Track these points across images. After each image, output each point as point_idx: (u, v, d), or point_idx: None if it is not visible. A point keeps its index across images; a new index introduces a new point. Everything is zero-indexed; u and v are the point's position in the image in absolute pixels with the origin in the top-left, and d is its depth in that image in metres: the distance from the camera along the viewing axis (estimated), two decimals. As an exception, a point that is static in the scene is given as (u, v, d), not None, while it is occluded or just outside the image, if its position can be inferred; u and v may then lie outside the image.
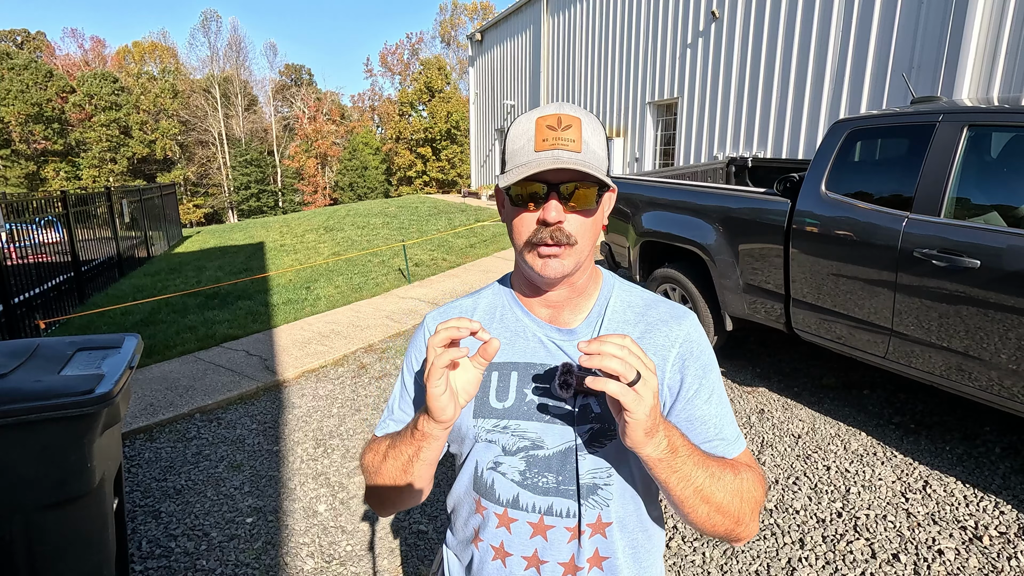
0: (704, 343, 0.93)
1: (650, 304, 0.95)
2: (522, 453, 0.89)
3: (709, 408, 0.89)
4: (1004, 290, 2.51)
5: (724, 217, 3.90)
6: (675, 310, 0.94)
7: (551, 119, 0.81)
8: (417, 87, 40.99)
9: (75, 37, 69.93)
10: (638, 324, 0.92)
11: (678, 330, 0.91)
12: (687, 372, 0.89)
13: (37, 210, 6.70)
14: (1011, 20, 6.06)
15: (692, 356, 0.90)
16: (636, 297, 0.96)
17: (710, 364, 0.91)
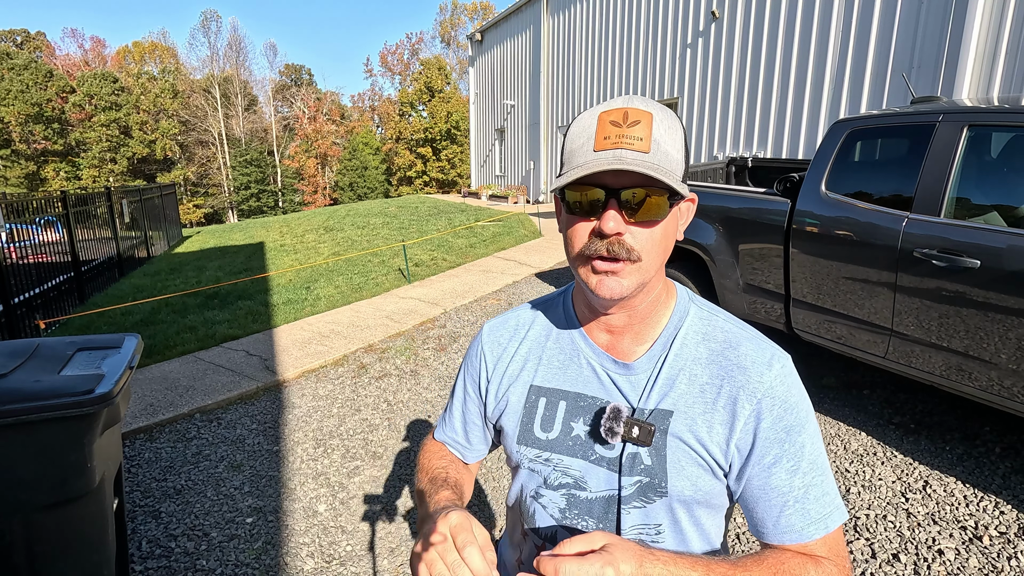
0: (793, 399, 0.75)
1: (732, 342, 0.78)
2: (564, 490, 0.82)
3: (785, 478, 0.74)
4: (1004, 290, 2.51)
5: (724, 217, 3.91)
6: (761, 353, 0.77)
7: (616, 114, 0.69)
8: (417, 87, 41.00)
9: (75, 37, 69.95)
10: (711, 365, 0.77)
11: (758, 382, 0.75)
12: (761, 433, 0.74)
13: (37, 210, 6.70)
14: (1011, 20, 6.06)
15: (772, 415, 0.74)
16: (716, 329, 0.80)
17: (797, 426, 0.74)
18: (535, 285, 6.95)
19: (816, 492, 0.74)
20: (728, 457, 0.75)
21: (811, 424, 0.76)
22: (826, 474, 0.75)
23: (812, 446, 0.75)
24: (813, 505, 0.73)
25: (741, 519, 2.69)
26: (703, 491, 0.77)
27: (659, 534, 0.79)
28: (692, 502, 0.78)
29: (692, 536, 0.80)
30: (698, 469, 0.76)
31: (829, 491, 0.74)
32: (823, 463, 0.75)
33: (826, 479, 0.74)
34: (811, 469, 0.74)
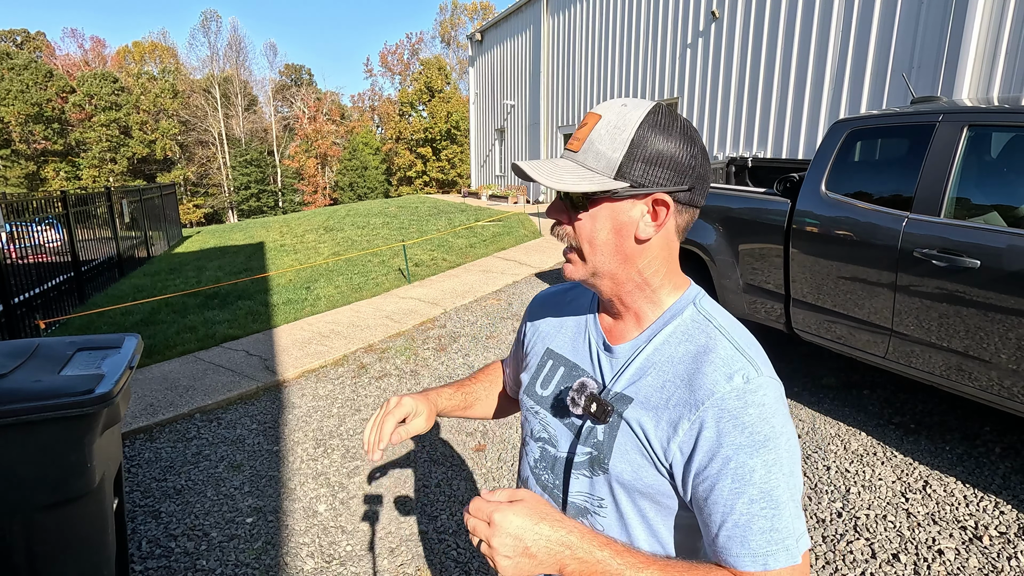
0: (749, 420, 0.71)
1: (709, 347, 0.77)
2: (540, 443, 0.92)
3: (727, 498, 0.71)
4: (1004, 290, 2.51)
5: (724, 217, 3.91)
6: (729, 364, 0.74)
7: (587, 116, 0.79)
8: (417, 87, 40.99)
9: (75, 37, 70.01)
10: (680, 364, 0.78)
11: (710, 390, 0.73)
12: (702, 443, 0.72)
13: (37, 210, 6.70)
14: (1011, 20, 6.06)
15: (718, 428, 0.72)
16: (702, 332, 0.79)
17: (748, 447, 0.70)
18: (535, 285, 6.95)
19: (761, 525, 0.70)
20: (669, 456, 0.75)
21: (771, 453, 0.71)
22: (780, 509, 0.70)
23: (767, 475, 0.70)
24: (755, 537, 0.70)
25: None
26: (644, 481, 0.78)
27: (601, 507, 0.83)
28: (633, 489, 0.80)
29: (635, 525, 0.82)
30: (641, 458, 0.78)
31: (780, 529, 0.70)
32: (779, 497, 0.70)
33: (779, 515, 0.70)
34: (760, 498, 0.70)
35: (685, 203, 0.79)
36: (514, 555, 0.68)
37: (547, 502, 0.73)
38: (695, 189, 0.78)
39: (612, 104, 0.78)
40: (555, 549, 0.68)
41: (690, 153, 0.76)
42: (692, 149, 0.77)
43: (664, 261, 0.82)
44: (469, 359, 4.81)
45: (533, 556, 0.68)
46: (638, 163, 0.75)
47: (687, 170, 0.77)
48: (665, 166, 0.76)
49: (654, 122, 0.76)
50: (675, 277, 0.84)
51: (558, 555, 0.69)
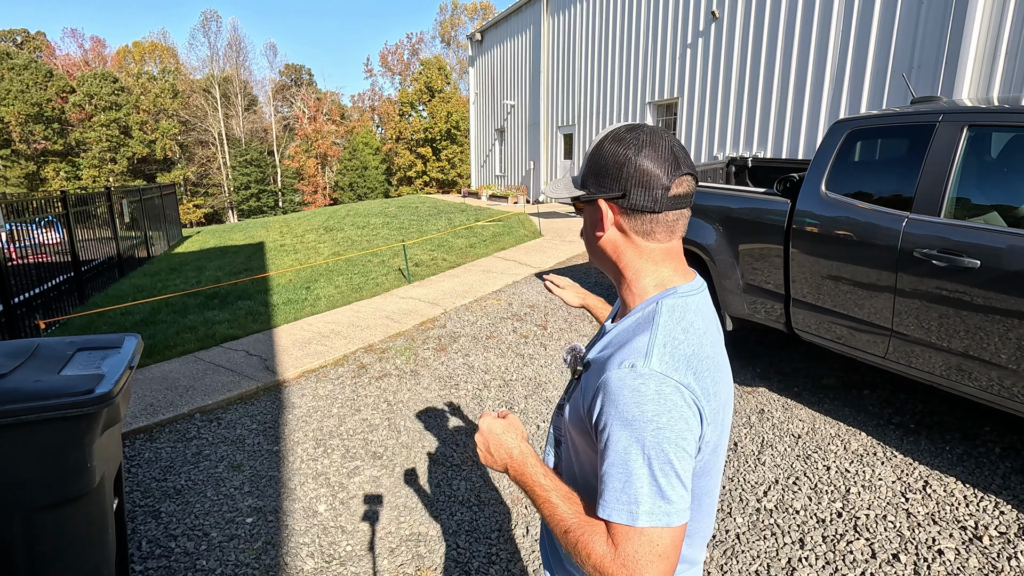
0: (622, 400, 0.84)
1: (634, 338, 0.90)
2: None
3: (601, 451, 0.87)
4: (1004, 290, 2.51)
5: (724, 217, 3.91)
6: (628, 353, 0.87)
7: None
8: (417, 87, 41.00)
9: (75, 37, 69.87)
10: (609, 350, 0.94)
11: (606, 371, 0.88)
12: (595, 408, 0.88)
13: (37, 210, 6.70)
14: (1011, 20, 6.06)
15: (600, 401, 0.87)
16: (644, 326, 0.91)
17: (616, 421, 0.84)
18: (535, 285, 6.95)
19: (614, 485, 0.83)
20: (584, 412, 0.93)
21: (635, 432, 0.82)
22: (631, 479, 0.82)
23: (627, 448, 0.82)
24: (608, 491, 0.84)
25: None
26: (580, 426, 0.96)
27: (562, 439, 1.09)
28: (578, 429, 0.98)
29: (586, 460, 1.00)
30: (578, 407, 0.97)
31: (628, 493, 0.82)
32: (634, 468, 0.82)
33: (629, 482, 0.82)
34: (618, 463, 0.83)
35: (629, 208, 0.92)
36: (482, 450, 1.02)
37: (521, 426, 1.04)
38: (630, 195, 0.91)
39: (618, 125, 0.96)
40: (503, 453, 0.99)
41: (625, 164, 0.91)
42: (630, 160, 0.90)
43: (636, 257, 0.96)
44: (469, 359, 4.81)
45: (490, 454, 1.01)
46: (589, 175, 0.95)
47: (621, 179, 0.91)
48: (603, 176, 0.93)
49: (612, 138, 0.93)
50: (660, 275, 0.96)
51: (503, 458, 0.99)
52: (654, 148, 0.90)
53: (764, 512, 2.72)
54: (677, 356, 0.86)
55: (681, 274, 0.97)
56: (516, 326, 5.57)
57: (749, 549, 2.50)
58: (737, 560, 2.44)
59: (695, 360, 0.87)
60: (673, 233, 0.95)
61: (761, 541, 2.54)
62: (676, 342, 0.87)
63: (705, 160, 10.23)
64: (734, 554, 2.47)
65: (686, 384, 0.84)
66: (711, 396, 0.89)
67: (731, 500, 2.82)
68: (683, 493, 0.83)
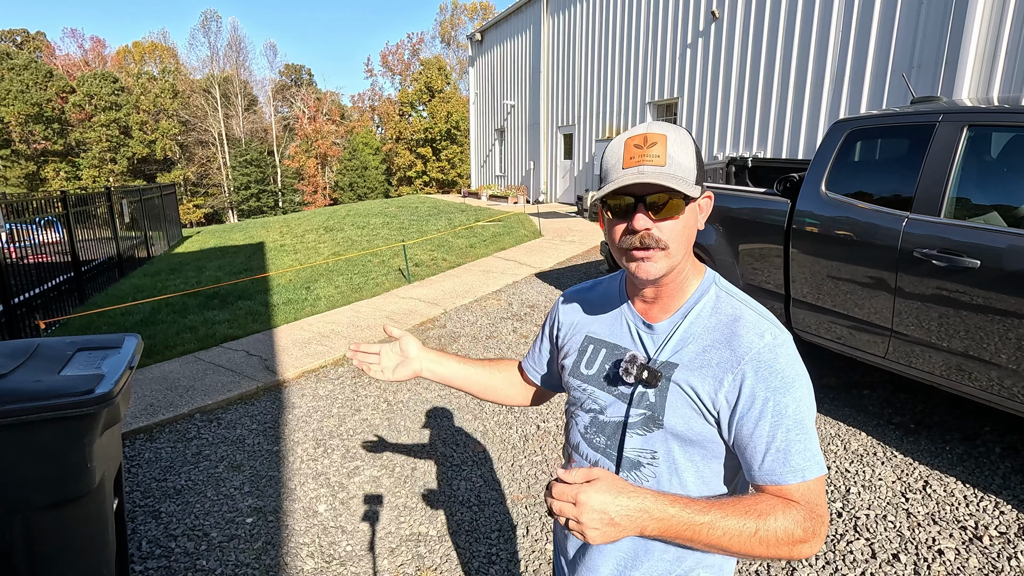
0: (780, 366, 0.91)
1: (736, 316, 0.96)
2: (591, 413, 1.07)
3: (768, 431, 0.89)
4: (1004, 290, 2.51)
5: (724, 217, 3.91)
6: (757, 325, 0.94)
7: (638, 139, 0.92)
8: (417, 87, 41.01)
9: (75, 37, 69.93)
10: (716, 331, 0.96)
11: (748, 347, 0.92)
12: (745, 390, 0.90)
13: (37, 210, 6.70)
14: (1011, 20, 6.06)
15: (757, 375, 0.90)
16: (728, 305, 0.98)
17: (782, 388, 0.90)
18: (535, 285, 6.95)
19: (798, 447, 0.88)
20: (717, 406, 0.92)
21: (799, 390, 0.90)
22: (809, 434, 0.89)
23: (797, 408, 0.89)
24: (794, 457, 0.88)
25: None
26: (695, 431, 0.95)
27: (654, 459, 0.99)
28: (685, 439, 0.96)
29: (686, 470, 0.97)
30: (691, 411, 0.94)
31: (810, 448, 0.89)
32: (807, 425, 0.90)
33: (808, 438, 0.89)
34: (795, 427, 0.89)
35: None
36: (601, 526, 0.80)
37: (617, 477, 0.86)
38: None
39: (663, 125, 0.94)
40: (635, 516, 0.82)
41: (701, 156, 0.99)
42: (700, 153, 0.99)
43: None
44: (469, 359, 4.81)
45: (617, 524, 0.81)
46: (700, 170, 0.96)
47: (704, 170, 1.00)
48: (703, 170, 0.98)
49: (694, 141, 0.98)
50: (696, 262, 1.03)
51: (638, 520, 0.82)
52: None
53: (764, 512, 2.72)
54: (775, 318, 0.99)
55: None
56: (516, 326, 5.57)
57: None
58: (737, 560, 2.44)
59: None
60: None
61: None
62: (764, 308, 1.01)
63: (705, 160, 10.23)
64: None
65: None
66: None
67: (731, 500, 2.82)
68: None
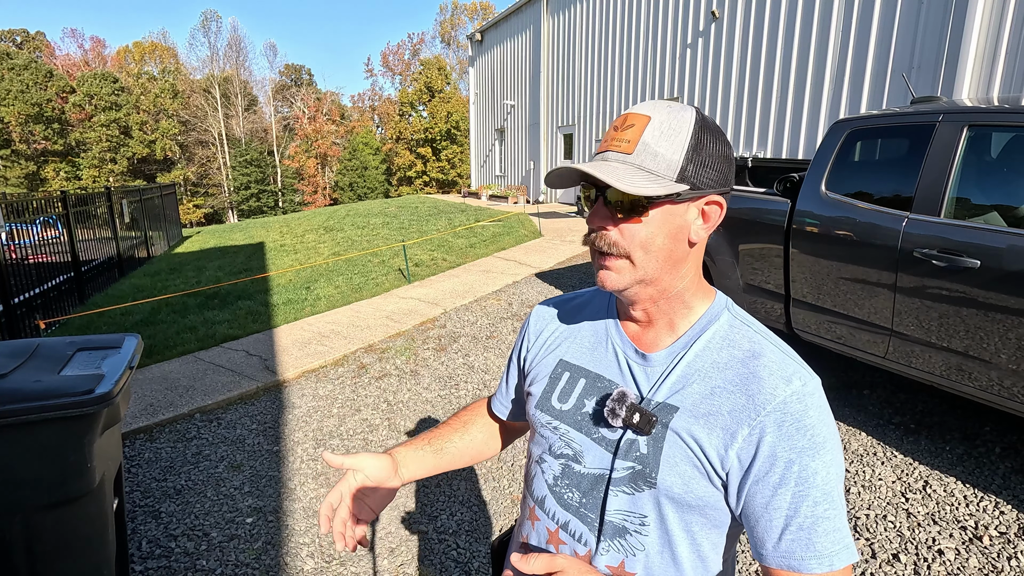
0: (810, 421, 0.71)
1: (756, 352, 0.76)
2: (563, 460, 0.86)
3: (791, 501, 0.70)
4: (1004, 290, 2.51)
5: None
6: (783, 367, 0.75)
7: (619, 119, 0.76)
8: (417, 87, 41.02)
9: (75, 37, 69.95)
10: (728, 370, 0.76)
11: (771, 394, 0.72)
12: (764, 448, 0.71)
13: (37, 210, 6.70)
14: (1011, 20, 6.06)
15: (781, 431, 0.71)
16: (743, 338, 0.78)
17: (810, 449, 0.70)
18: (535, 285, 6.95)
19: (827, 526, 0.69)
20: (726, 465, 0.73)
21: (830, 453, 0.71)
22: (840, 509, 0.71)
23: (827, 475, 0.70)
24: (821, 539, 0.69)
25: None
26: (695, 494, 0.75)
27: (643, 525, 0.78)
28: (683, 503, 0.76)
29: (681, 542, 0.78)
30: (692, 469, 0.74)
31: (841, 528, 0.70)
32: (838, 497, 0.71)
33: (839, 514, 0.70)
34: (824, 499, 0.70)
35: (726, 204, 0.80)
36: None
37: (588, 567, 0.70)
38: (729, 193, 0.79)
39: (655, 105, 0.75)
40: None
41: (731, 155, 0.78)
42: (730, 155, 0.77)
43: (698, 266, 0.81)
44: (469, 359, 4.81)
45: None
46: (696, 165, 0.74)
47: (732, 171, 0.78)
48: (717, 168, 0.75)
49: (704, 124, 0.75)
50: (703, 283, 0.82)
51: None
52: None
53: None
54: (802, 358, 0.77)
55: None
56: (516, 326, 5.57)
57: (750, 549, 2.50)
58: (738, 560, 2.44)
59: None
60: None
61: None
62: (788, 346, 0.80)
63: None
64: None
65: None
66: None
67: (731, 500, 2.82)
68: None
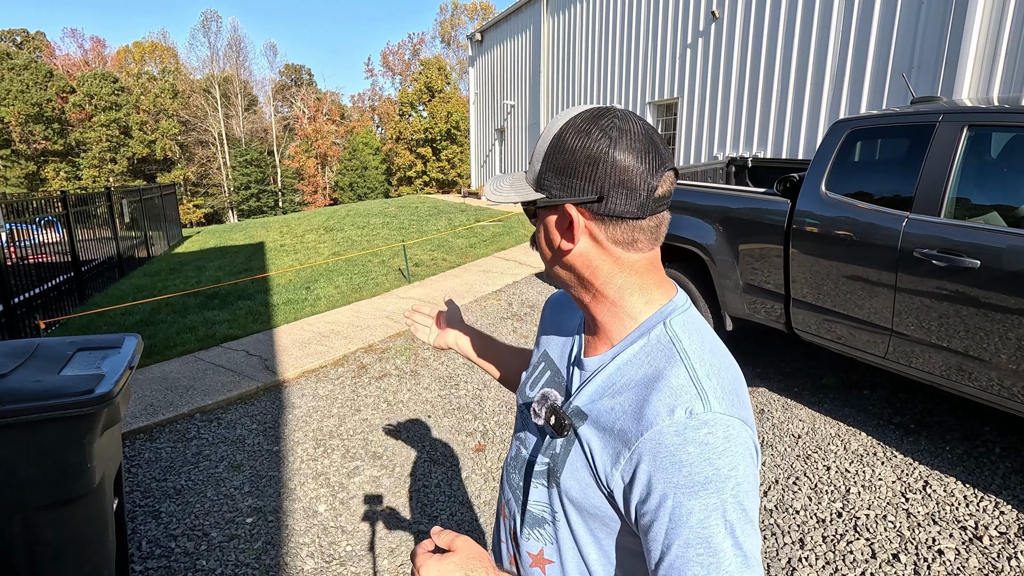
0: (688, 459, 0.64)
1: (663, 374, 0.71)
2: (518, 443, 0.92)
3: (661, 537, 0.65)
4: (1004, 290, 2.51)
5: (724, 217, 3.91)
6: (678, 395, 0.68)
7: None
8: (417, 87, 41.03)
9: (75, 37, 70.01)
10: (634, 389, 0.72)
11: (649, 423, 0.68)
12: (640, 475, 0.67)
13: (37, 210, 6.70)
14: (1011, 20, 6.06)
15: (654, 463, 0.66)
16: (662, 355, 0.73)
17: (687, 488, 0.64)
18: (535, 285, 6.95)
19: (696, 571, 0.62)
20: (611, 483, 0.71)
21: (713, 496, 0.63)
22: (718, 558, 0.62)
23: (705, 519, 0.63)
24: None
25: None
26: (591, 501, 0.75)
27: (556, 520, 0.81)
28: (581, 508, 0.77)
29: (587, 544, 0.79)
30: (589, 477, 0.74)
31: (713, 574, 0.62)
32: (719, 545, 0.62)
33: (716, 563, 0.62)
34: (698, 543, 0.63)
35: (606, 214, 0.72)
36: None
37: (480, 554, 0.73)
38: (609, 199, 0.70)
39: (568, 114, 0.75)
40: None
41: (600, 159, 0.70)
42: (605, 154, 0.70)
43: (618, 272, 0.76)
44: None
45: None
46: (551, 172, 0.73)
47: (595, 178, 0.70)
48: (573, 175, 0.72)
49: (575, 128, 0.72)
50: (648, 290, 0.77)
51: None
52: (632, 138, 0.70)
53: (764, 512, 2.72)
54: (726, 387, 0.70)
55: (668, 286, 0.80)
56: (516, 326, 5.57)
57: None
58: None
59: (737, 386, 0.73)
60: (657, 240, 0.76)
61: (761, 541, 2.54)
62: (715, 369, 0.72)
63: (705, 160, 10.23)
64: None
65: (745, 420, 0.69)
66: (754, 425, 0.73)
67: (731, 500, 2.82)
68: (759, 549, 0.66)
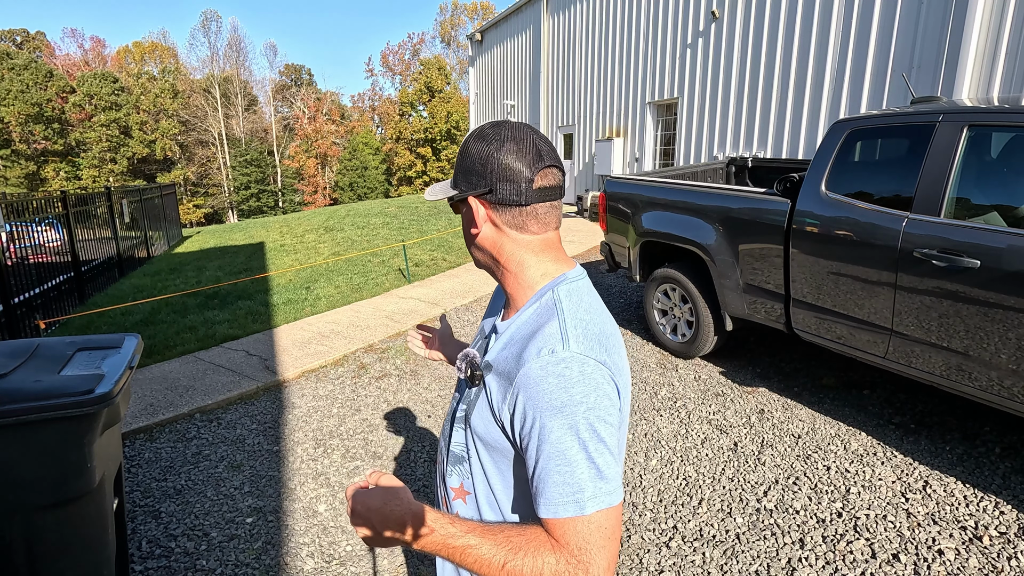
0: (548, 387, 0.83)
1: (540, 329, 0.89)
2: (454, 400, 1.09)
3: (532, 455, 0.84)
4: (1004, 290, 2.51)
5: (724, 217, 3.91)
6: (547, 340, 0.87)
7: None
8: (417, 87, 41.04)
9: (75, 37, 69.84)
10: (521, 343, 0.90)
11: (524, 364, 0.86)
12: (518, 408, 0.86)
13: (37, 210, 6.70)
14: (1011, 20, 6.06)
15: (525, 395, 0.84)
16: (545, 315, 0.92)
17: (548, 411, 0.82)
18: (535, 285, 6.94)
19: (555, 479, 0.80)
20: (502, 415, 0.89)
21: (568, 418, 0.81)
22: (573, 467, 0.80)
23: (562, 436, 0.81)
24: (549, 489, 0.81)
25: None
26: (492, 436, 0.93)
27: (470, 457, 0.99)
28: (486, 442, 0.95)
29: (493, 476, 0.96)
30: (488, 415, 0.93)
31: (571, 483, 0.80)
32: (572, 455, 0.80)
33: (571, 471, 0.80)
34: (556, 456, 0.81)
35: (497, 202, 0.93)
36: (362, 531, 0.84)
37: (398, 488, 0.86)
38: (497, 190, 0.92)
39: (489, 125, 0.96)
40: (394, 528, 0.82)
41: (489, 160, 0.92)
42: (492, 156, 0.92)
43: (516, 250, 0.96)
44: (469, 359, 4.80)
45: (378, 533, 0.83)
46: (459, 175, 0.97)
47: (486, 175, 0.92)
48: (471, 174, 0.94)
49: (476, 136, 0.95)
50: (543, 264, 0.96)
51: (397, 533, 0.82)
52: (516, 143, 0.92)
53: (764, 512, 2.72)
54: (590, 336, 0.88)
55: (564, 263, 0.98)
56: (516, 326, 5.56)
57: (749, 549, 2.50)
58: (737, 560, 2.44)
59: (603, 338, 0.90)
60: (547, 225, 0.96)
61: (761, 541, 2.54)
62: (584, 323, 0.90)
63: (705, 160, 10.23)
64: (734, 554, 2.47)
65: (603, 361, 0.87)
66: (621, 371, 0.92)
67: (731, 500, 2.82)
68: (617, 469, 0.83)
